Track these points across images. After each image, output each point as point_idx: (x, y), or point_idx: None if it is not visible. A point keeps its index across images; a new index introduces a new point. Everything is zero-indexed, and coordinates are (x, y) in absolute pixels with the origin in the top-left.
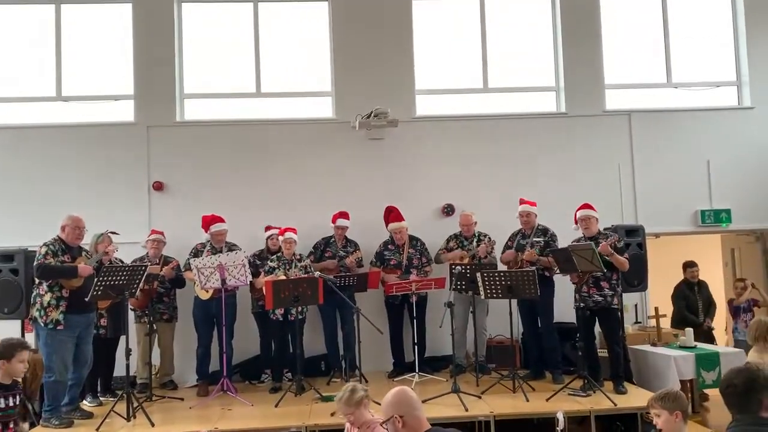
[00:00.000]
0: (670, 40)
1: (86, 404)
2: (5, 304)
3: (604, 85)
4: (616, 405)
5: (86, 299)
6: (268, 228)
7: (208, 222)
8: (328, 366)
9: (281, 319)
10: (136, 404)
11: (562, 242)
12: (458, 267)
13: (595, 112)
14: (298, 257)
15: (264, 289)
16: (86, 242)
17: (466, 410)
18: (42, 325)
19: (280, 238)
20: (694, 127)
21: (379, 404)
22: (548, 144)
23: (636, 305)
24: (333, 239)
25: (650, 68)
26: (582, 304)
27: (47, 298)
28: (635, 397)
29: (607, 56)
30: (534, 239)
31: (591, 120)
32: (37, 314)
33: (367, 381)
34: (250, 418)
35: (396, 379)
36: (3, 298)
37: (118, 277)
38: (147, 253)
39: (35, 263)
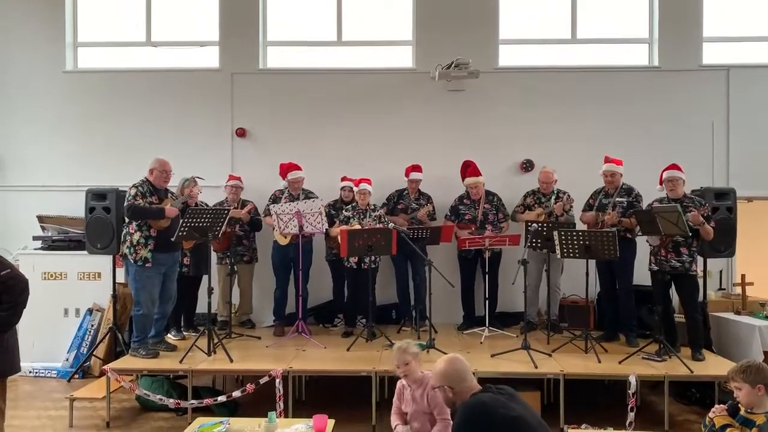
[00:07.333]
0: None
1: (170, 338)
2: (98, 240)
3: (702, 38)
4: (692, 372)
5: (172, 239)
6: (343, 179)
7: (285, 169)
8: (398, 315)
9: (355, 267)
10: (216, 340)
11: (647, 202)
12: (534, 224)
13: (691, 66)
14: (372, 207)
15: (339, 237)
16: (173, 185)
17: (536, 367)
18: (131, 261)
19: (355, 188)
20: None
21: (445, 353)
22: (638, 99)
23: (721, 271)
24: (406, 191)
25: (754, 20)
26: (657, 268)
27: (136, 236)
28: (713, 366)
29: (707, 6)
30: (617, 199)
31: (686, 75)
32: (127, 251)
33: (436, 331)
34: (323, 360)
35: (466, 332)
36: (96, 234)
37: (203, 219)
38: (226, 197)
39: (125, 204)
